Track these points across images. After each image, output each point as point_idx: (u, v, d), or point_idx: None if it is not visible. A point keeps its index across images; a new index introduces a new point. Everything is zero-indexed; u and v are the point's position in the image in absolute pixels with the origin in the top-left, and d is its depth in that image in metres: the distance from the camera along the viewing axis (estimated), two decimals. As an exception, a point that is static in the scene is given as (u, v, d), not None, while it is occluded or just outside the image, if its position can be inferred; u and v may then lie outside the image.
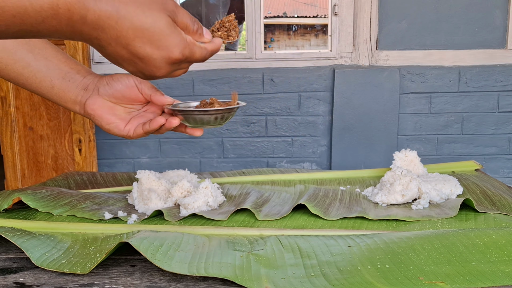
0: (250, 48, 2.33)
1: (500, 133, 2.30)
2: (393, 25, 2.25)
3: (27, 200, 0.86)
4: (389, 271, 0.55)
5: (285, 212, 0.82)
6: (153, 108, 0.69)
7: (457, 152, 2.32)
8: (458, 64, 2.25)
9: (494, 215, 0.78)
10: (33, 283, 0.57)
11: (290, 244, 0.65)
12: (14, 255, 0.67)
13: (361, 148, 2.28)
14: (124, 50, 0.47)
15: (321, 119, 2.32)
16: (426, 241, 0.61)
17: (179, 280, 0.57)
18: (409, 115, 2.29)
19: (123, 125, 0.66)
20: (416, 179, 0.86)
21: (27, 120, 2.17)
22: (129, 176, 1.13)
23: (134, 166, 2.40)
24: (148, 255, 0.57)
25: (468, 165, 1.11)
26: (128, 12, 0.45)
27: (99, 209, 0.85)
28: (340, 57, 2.29)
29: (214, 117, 0.65)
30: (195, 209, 0.83)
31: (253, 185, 1.02)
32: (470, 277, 0.54)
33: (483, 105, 2.28)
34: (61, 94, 0.65)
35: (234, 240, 0.68)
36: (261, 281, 0.54)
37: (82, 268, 0.58)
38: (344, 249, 0.62)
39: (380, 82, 2.23)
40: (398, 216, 0.78)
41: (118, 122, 0.66)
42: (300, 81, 2.30)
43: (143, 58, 0.48)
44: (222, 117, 0.66)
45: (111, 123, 0.66)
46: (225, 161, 2.37)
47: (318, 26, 3.81)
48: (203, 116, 0.65)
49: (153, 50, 0.48)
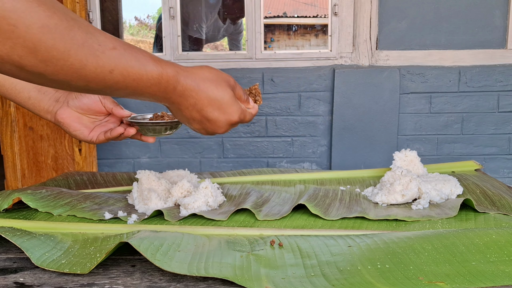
0: (250, 48, 2.33)
1: (500, 133, 2.30)
2: (393, 25, 2.25)
3: (27, 200, 0.86)
4: (389, 271, 0.55)
5: (285, 212, 0.82)
6: (114, 119, 0.82)
7: (457, 152, 2.32)
8: (458, 64, 2.25)
9: (494, 215, 0.78)
10: (33, 283, 0.57)
11: (290, 244, 0.65)
12: (14, 255, 0.67)
13: (361, 148, 2.28)
14: (197, 114, 0.63)
15: (321, 119, 2.32)
16: (426, 241, 0.61)
17: (179, 280, 0.57)
18: (409, 115, 2.29)
19: (87, 132, 0.79)
20: (416, 179, 0.86)
21: (27, 120, 2.17)
22: (129, 176, 1.13)
23: (134, 166, 2.40)
24: (148, 255, 0.57)
25: (468, 165, 1.11)
26: (205, 86, 0.62)
27: (99, 209, 0.85)
28: (340, 57, 2.29)
29: (164, 127, 0.80)
30: (195, 209, 0.83)
31: (253, 185, 1.02)
32: (470, 277, 0.54)
33: (483, 105, 2.28)
34: (36, 104, 0.77)
35: (234, 240, 0.68)
36: (261, 281, 0.54)
37: (82, 268, 0.58)
38: (344, 249, 0.62)
39: (380, 82, 2.23)
40: (398, 216, 0.78)
41: (83, 130, 0.78)
42: (300, 81, 2.30)
43: (211, 120, 0.64)
44: (171, 128, 0.81)
45: (77, 130, 0.78)
46: (225, 161, 2.37)
47: (318, 26, 3.81)
48: (155, 127, 0.79)
49: (220, 115, 0.64)
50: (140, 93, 0.56)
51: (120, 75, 0.52)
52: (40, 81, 0.47)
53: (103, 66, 0.49)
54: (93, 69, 0.48)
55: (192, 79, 0.60)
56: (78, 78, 0.48)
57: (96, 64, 0.48)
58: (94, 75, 0.49)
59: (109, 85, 0.52)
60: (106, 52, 0.49)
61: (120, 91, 0.54)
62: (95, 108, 0.78)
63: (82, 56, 0.47)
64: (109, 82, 0.51)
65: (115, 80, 0.51)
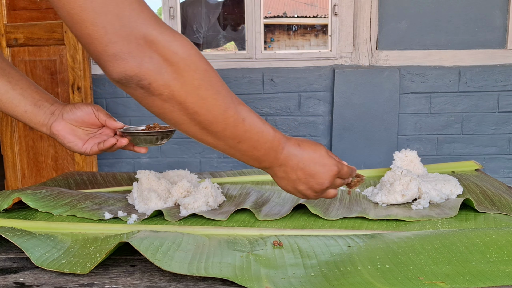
0: (250, 48, 2.33)
1: (500, 133, 2.30)
2: (393, 25, 2.25)
3: (27, 200, 0.86)
4: (389, 271, 0.55)
5: (285, 212, 0.82)
6: (107, 131, 0.83)
7: (457, 152, 2.32)
8: (458, 64, 2.25)
9: (494, 215, 0.78)
10: (33, 283, 0.57)
11: (290, 244, 0.65)
12: (14, 255, 0.67)
13: (361, 148, 2.28)
14: (301, 172, 0.68)
15: (321, 119, 2.32)
16: (426, 241, 0.61)
17: (179, 280, 0.57)
18: (409, 115, 2.29)
19: (81, 144, 0.81)
20: (416, 179, 0.86)
21: (27, 120, 2.17)
22: (129, 176, 1.13)
23: (134, 166, 2.40)
24: (148, 255, 0.57)
25: (468, 165, 1.11)
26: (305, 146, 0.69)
27: (99, 209, 0.85)
28: (340, 57, 2.29)
29: (155, 137, 0.82)
30: (195, 209, 0.83)
31: (253, 185, 1.02)
32: (470, 277, 0.54)
33: (483, 105, 2.28)
34: (32, 118, 0.79)
35: (234, 240, 0.68)
36: (261, 281, 0.54)
37: (82, 268, 0.58)
38: (344, 249, 0.62)
39: (380, 82, 2.23)
40: (398, 216, 0.78)
41: (77, 141, 0.80)
42: (300, 81, 2.30)
43: (314, 174, 0.68)
44: (162, 138, 0.83)
45: (71, 141, 0.80)
46: (225, 161, 2.37)
47: (318, 26, 3.81)
48: (147, 137, 0.82)
49: (320, 167, 0.69)
50: (258, 147, 0.64)
51: (248, 125, 0.62)
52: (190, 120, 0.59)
53: (239, 114, 0.61)
54: (232, 113, 0.60)
55: (293, 142, 0.68)
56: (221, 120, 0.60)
57: (235, 110, 0.61)
58: (232, 120, 0.60)
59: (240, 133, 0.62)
60: (240, 105, 0.62)
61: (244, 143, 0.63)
62: (89, 120, 0.80)
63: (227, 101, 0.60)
64: (240, 130, 0.61)
65: (245, 129, 0.62)
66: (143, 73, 0.53)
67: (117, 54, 0.52)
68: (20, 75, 0.80)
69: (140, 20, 0.53)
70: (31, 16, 2.11)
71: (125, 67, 0.53)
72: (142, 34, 0.53)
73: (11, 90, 0.78)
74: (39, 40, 2.10)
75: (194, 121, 0.59)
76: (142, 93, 0.56)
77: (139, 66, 0.53)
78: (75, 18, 0.51)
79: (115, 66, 0.53)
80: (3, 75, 0.78)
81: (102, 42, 0.52)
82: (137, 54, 0.53)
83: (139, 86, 0.55)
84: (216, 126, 0.60)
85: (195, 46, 0.58)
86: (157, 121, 0.87)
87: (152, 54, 0.53)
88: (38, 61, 2.13)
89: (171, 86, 0.55)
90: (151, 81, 0.54)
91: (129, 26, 0.52)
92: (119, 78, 0.54)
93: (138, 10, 0.53)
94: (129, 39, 0.52)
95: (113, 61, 0.53)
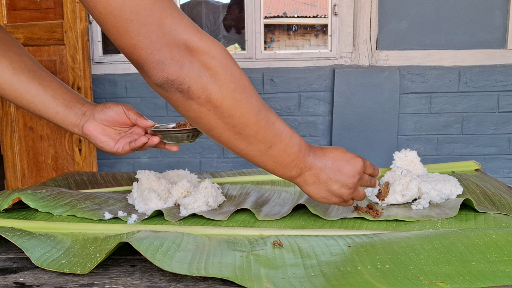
0: (250, 48, 2.33)
1: (500, 133, 2.30)
2: (393, 25, 2.25)
3: (27, 200, 0.86)
4: (389, 271, 0.55)
5: (285, 212, 0.82)
6: (138, 130, 0.84)
7: (457, 152, 2.32)
8: (458, 64, 2.25)
9: (494, 215, 0.78)
10: (33, 283, 0.57)
11: (290, 244, 0.65)
12: (14, 255, 0.67)
13: (361, 148, 2.28)
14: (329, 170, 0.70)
15: (321, 119, 2.32)
16: (426, 241, 0.61)
17: (179, 280, 0.57)
18: (409, 115, 2.29)
19: (113, 143, 0.81)
20: (416, 179, 0.86)
21: (27, 120, 2.17)
22: (129, 176, 1.13)
23: (134, 166, 2.40)
24: (148, 255, 0.57)
25: (468, 165, 1.11)
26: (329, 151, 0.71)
27: (99, 209, 0.85)
28: (340, 57, 2.29)
29: (186, 135, 0.82)
30: (195, 209, 0.83)
31: (253, 185, 1.02)
32: (470, 277, 0.54)
33: (483, 105, 2.28)
34: (64, 119, 0.80)
35: (234, 240, 0.68)
36: (261, 281, 0.54)
37: (82, 268, 0.58)
38: (344, 249, 0.62)
39: (380, 82, 2.23)
40: (398, 216, 0.78)
41: (109, 141, 0.81)
42: (300, 81, 2.30)
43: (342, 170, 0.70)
44: (193, 135, 0.83)
45: (103, 141, 0.81)
46: (225, 161, 2.37)
47: (318, 26, 3.81)
48: (178, 135, 0.82)
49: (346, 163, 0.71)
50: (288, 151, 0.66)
51: (278, 128, 0.64)
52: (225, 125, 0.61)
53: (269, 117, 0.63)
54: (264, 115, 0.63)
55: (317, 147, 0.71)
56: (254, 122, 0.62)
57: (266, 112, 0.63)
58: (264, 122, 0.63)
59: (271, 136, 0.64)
60: (269, 109, 0.64)
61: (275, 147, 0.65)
62: (120, 119, 0.81)
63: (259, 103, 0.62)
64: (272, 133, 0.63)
65: (275, 132, 0.64)
66: (184, 77, 0.56)
67: (160, 61, 0.55)
68: (51, 77, 0.82)
69: (181, 28, 0.56)
70: (31, 16, 2.12)
71: (168, 72, 0.56)
72: (183, 41, 0.56)
73: (42, 92, 0.79)
74: (39, 40, 2.10)
75: (228, 125, 0.61)
76: (180, 97, 0.58)
77: (180, 70, 0.56)
78: (120, 30, 0.54)
79: (158, 71, 0.56)
80: (34, 78, 0.80)
81: (147, 51, 0.55)
82: (178, 59, 0.56)
83: (178, 90, 0.57)
84: (249, 129, 0.62)
85: (229, 52, 0.61)
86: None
87: (192, 59, 0.56)
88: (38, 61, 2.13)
89: (209, 89, 0.58)
90: (191, 85, 0.57)
91: (171, 34, 0.55)
92: (162, 82, 0.57)
93: (178, 18, 0.56)
94: (171, 46, 0.55)
95: (157, 67, 0.56)
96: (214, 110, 0.59)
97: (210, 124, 0.61)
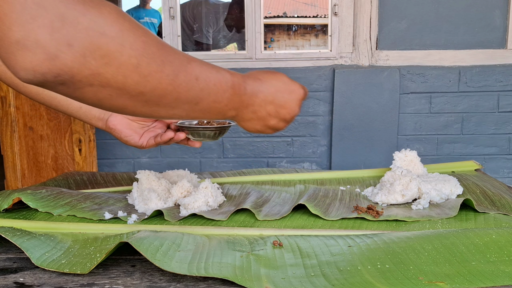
0: (250, 48, 2.33)
1: (500, 133, 2.30)
2: (393, 25, 2.25)
3: (27, 200, 0.86)
4: (389, 271, 0.55)
5: (285, 212, 0.82)
6: (161, 124, 0.86)
7: (457, 152, 2.32)
8: (458, 64, 2.25)
9: (494, 215, 0.78)
10: (33, 283, 0.57)
11: (290, 244, 0.65)
12: (14, 255, 0.67)
13: (361, 148, 2.28)
14: (270, 105, 0.65)
15: (321, 119, 2.32)
16: (426, 241, 0.61)
17: (179, 280, 0.57)
18: (409, 115, 2.29)
19: (138, 137, 0.82)
20: (416, 179, 0.86)
21: (27, 120, 2.17)
22: (129, 176, 1.13)
23: (134, 166, 2.40)
24: (148, 255, 0.57)
25: (468, 165, 1.11)
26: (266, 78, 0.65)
27: (99, 209, 0.85)
28: (340, 57, 2.29)
29: (213, 132, 0.82)
30: (195, 209, 0.83)
31: (253, 185, 1.02)
32: (470, 277, 0.54)
33: (483, 105, 2.28)
34: (87, 113, 0.80)
35: (234, 240, 0.68)
36: (261, 281, 0.54)
37: (82, 268, 0.58)
38: (344, 249, 0.62)
39: (380, 82, 2.23)
40: (398, 216, 0.78)
41: (134, 135, 0.82)
42: (300, 81, 2.28)
43: (284, 104, 0.66)
44: (220, 133, 0.83)
45: (128, 135, 0.81)
46: (225, 161, 2.37)
47: (318, 26, 3.81)
48: (206, 131, 0.82)
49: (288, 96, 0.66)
50: (219, 100, 0.58)
51: (203, 82, 0.54)
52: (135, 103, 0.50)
53: (191, 74, 0.52)
54: (183, 77, 0.51)
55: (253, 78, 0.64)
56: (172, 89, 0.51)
57: (186, 72, 0.52)
58: (184, 84, 0.52)
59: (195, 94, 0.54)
60: (191, 62, 0.53)
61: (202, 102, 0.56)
62: None
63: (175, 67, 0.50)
64: (196, 91, 0.54)
65: (200, 87, 0.54)
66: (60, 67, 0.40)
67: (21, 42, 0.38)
68: None
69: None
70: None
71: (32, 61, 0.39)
72: (58, 14, 0.39)
73: None
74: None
75: (140, 103, 0.50)
76: (64, 89, 0.44)
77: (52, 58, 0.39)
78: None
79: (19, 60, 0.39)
80: None
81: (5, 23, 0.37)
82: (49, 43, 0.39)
83: (58, 83, 0.42)
84: (167, 98, 0.51)
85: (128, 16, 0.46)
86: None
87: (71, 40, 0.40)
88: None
89: (103, 73, 0.43)
90: (74, 74, 0.41)
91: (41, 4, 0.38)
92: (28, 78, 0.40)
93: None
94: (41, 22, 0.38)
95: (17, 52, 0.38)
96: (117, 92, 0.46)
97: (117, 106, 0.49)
